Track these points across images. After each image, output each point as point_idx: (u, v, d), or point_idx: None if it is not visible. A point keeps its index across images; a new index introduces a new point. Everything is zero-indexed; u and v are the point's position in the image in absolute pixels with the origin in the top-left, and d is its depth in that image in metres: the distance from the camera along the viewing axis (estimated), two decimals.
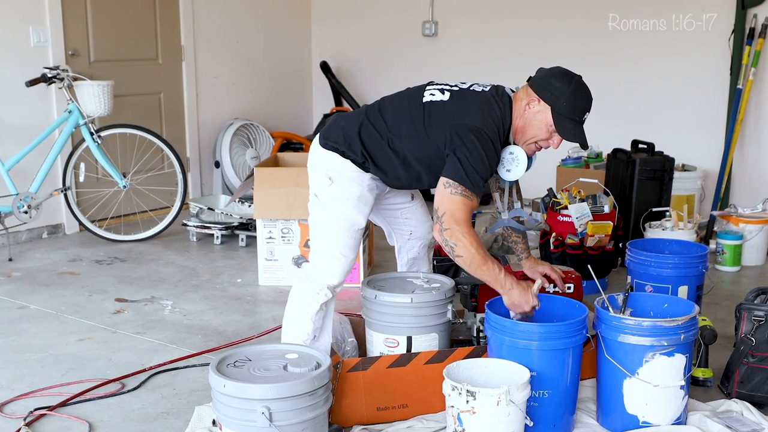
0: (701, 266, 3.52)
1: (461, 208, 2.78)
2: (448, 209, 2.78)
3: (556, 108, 2.85)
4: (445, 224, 2.79)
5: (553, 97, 2.85)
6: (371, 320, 3.10)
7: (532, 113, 2.88)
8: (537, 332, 2.65)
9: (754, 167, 5.80)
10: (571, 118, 2.86)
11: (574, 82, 2.87)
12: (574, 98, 2.85)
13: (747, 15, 5.60)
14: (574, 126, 2.87)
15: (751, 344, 3.05)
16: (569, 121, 2.86)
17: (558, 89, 2.85)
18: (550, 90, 2.86)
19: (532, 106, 2.88)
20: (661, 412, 2.73)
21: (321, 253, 3.01)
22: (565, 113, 2.85)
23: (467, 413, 2.48)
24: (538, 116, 2.88)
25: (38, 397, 3.16)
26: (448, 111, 2.89)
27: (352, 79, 7.52)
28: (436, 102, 2.92)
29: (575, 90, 2.86)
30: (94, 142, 5.33)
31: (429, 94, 2.96)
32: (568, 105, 2.85)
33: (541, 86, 2.88)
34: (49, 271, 4.93)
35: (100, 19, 5.92)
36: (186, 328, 3.96)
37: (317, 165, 3.05)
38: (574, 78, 2.89)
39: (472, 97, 2.92)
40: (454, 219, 2.78)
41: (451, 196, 2.78)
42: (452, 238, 2.78)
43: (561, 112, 2.85)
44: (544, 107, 2.87)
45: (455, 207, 2.78)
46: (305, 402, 2.35)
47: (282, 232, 4.57)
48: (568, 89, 2.85)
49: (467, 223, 2.78)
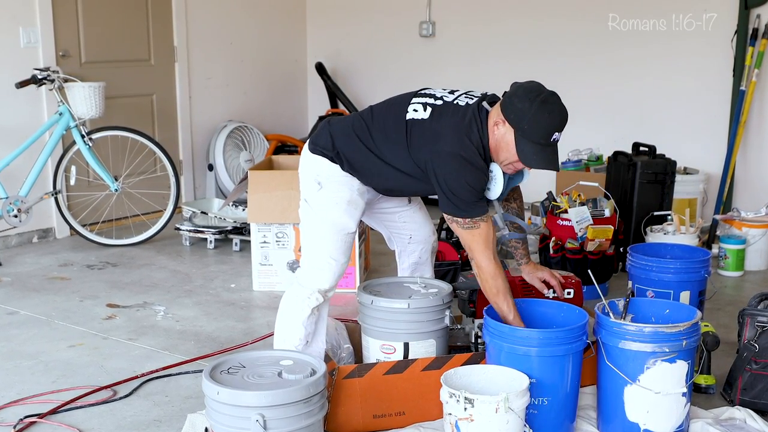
0: (703, 271, 3.51)
1: (474, 239, 2.85)
2: (465, 243, 2.89)
3: (518, 131, 2.73)
4: (470, 255, 2.91)
5: (516, 118, 2.71)
6: (367, 326, 3.09)
7: (499, 135, 2.78)
8: (536, 338, 2.66)
9: (757, 170, 5.77)
10: (535, 142, 2.72)
11: (537, 101, 2.70)
12: (536, 118, 2.69)
13: (750, 15, 5.58)
14: (537, 150, 2.73)
15: (755, 351, 3.04)
16: (532, 145, 2.72)
17: (520, 110, 2.71)
18: (513, 111, 2.72)
19: (499, 127, 2.78)
20: (662, 420, 2.72)
21: (312, 258, 3.02)
22: (528, 136, 2.71)
23: (465, 421, 2.47)
24: (504, 138, 2.77)
25: (28, 404, 3.16)
26: (426, 133, 2.84)
27: (348, 81, 7.50)
28: (417, 120, 2.88)
29: (538, 110, 2.69)
30: (86, 144, 5.32)
31: (412, 110, 2.90)
32: (530, 127, 2.70)
33: (506, 106, 2.76)
34: (40, 276, 4.91)
35: (92, 19, 5.90)
36: (179, 334, 3.94)
37: (307, 170, 3.07)
38: (540, 96, 2.71)
39: (451, 114, 2.84)
40: (472, 250, 2.88)
41: (460, 230, 2.87)
42: (476, 268, 2.90)
43: (524, 135, 2.72)
44: (508, 129, 2.75)
45: (469, 240, 2.86)
46: (300, 409, 2.35)
47: (276, 237, 4.55)
48: (530, 110, 2.69)
49: (485, 253, 2.85)
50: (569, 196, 4.48)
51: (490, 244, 2.84)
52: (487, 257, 2.84)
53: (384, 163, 2.94)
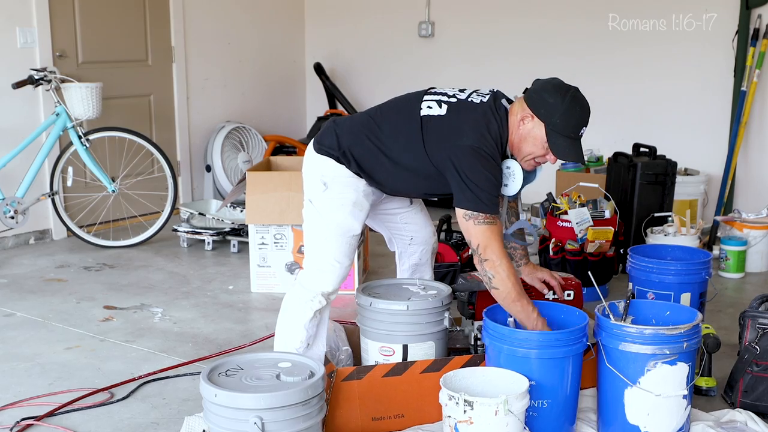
0: (704, 273, 3.51)
1: (491, 236, 2.78)
2: (480, 242, 2.79)
3: (550, 125, 2.78)
4: (483, 255, 2.79)
5: (547, 113, 2.78)
6: (366, 328, 3.07)
7: (526, 130, 2.83)
8: (536, 340, 2.66)
9: (758, 171, 5.77)
10: (566, 135, 2.80)
11: (568, 97, 2.78)
12: (568, 114, 2.77)
13: (751, 15, 5.58)
14: (569, 144, 2.80)
15: (756, 353, 3.04)
16: (564, 138, 2.79)
17: (552, 105, 2.78)
18: (544, 106, 2.78)
19: (526, 122, 2.82)
20: (663, 423, 2.71)
21: (315, 260, 3.00)
22: (560, 130, 2.79)
23: (464, 423, 2.46)
24: (532, 133, 2.82)
25: (25, 407, 3.14)
26: (445, 129, 2.85)
27: (347, 81, 7.49)
28: (433, 116, 2.88)
29: (570, 105, 2.78)
30: (83, 145, 5.31)
31: (426, 107, 2.91)
32: (562, 122, 2.78)
33: (534, 101, 2.81)
34: (36, 277, 4.90)
35: (89, 19, 5.88)
36: (176, 336, 3.93)
37: (312, 170, 3.03)
38: (569, 91, 2.80)
39: (469, 110, 2.86)
40: (491, 250, 2.78)
41: (476, 227, 2.78)
42: (491, 269, 2.79)
43: (555, 129, 2.78)
44: (537, 123, 2.80)
45: (486, 237, 2.77)
46: (298, 412, 2.35)
47: (275, 238, 4.53)
48: (563, 105, 2.77)
49: (503, 253, 2.79)
50: (569, 198, 4.48)
51: (503, 244, 2.82)
52: (504, 255, 2.79)
53: (393, 163, 2.93)
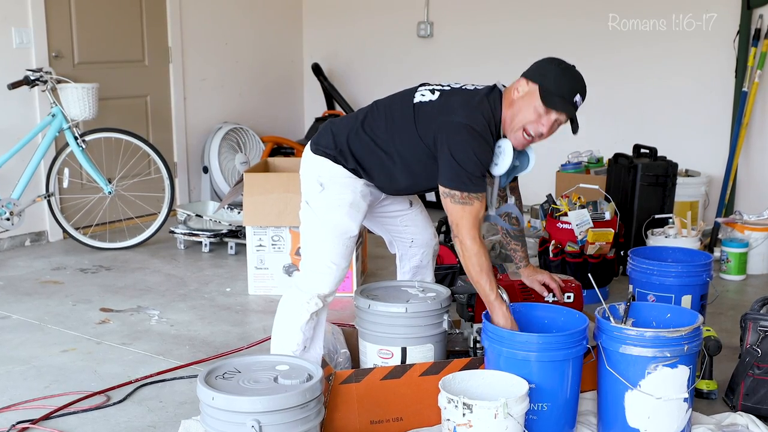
0: (705, 275, 3.50)
1: (464, 216, 2.80)
2: (454, 219, 2.82)
3: (544, 85, 2.81)
4: (454, 231, 2.84)
5: (541, 75, 2.83)
6: (364, 331, 3.07)
7: (519, 96, 2.85)
8: (536, 343, 2.65)
9: (759, 173, 5.76)
10: (560, 96, 2.81)
11: (563, 66, 2.86)
12: (561, 77, 2.82)
13: (752, 15, 5.57)
14: (562, 102, 2.81)
15: (757, 355, 3.03)
16: (558, 98, 2.81)
17: (545, 69, 2.84)
18: (537, 71, 2.85)
19: (520, 88, 2.85)
20: (663, 426, 2.70)
21: (312, 262, 3.00)
22: (554, 90, 2.80)
23: (464, 426, 2.46)
24: (525, 98, 2.83)
25: (21, 410, 3.14)
26: (436, 108, 2.88)
27: (345, 82, 7.48)
28: (425, 102, 2.92)
29: (564, 70, 2.84)
30: (79, 146, 5.30)
31: (420, 95, 2.95)
32: (556, 82, 2.81)
33: (528, 71, 2.88)
34: (32, 279, 4.89)
35: (85, 19, 5.87)
36: (173, 338, 3.92)
37: (308, 171, 3.04)
38: (564, 63, 2.87)
39: (461, 93, 2.91)
40: (459, 227, 2.81)
41: (452, 205, 2.82)
42: (459, 247, 2.83)
43: (548, 89, 2.80)
44: (532, 87, 2.83)
45: (458, 215, 2.80)
46: (296, 415, 2.35)
47: (272, 240, 4.52)
48: (557, 69, 2.84)
49: (471, 232, 2.80)
50: (569, 199, 4.48)
51: (478, 224, 2.82)
52: (473, 236, 2.79)
53: (389, 154, 2.93)
